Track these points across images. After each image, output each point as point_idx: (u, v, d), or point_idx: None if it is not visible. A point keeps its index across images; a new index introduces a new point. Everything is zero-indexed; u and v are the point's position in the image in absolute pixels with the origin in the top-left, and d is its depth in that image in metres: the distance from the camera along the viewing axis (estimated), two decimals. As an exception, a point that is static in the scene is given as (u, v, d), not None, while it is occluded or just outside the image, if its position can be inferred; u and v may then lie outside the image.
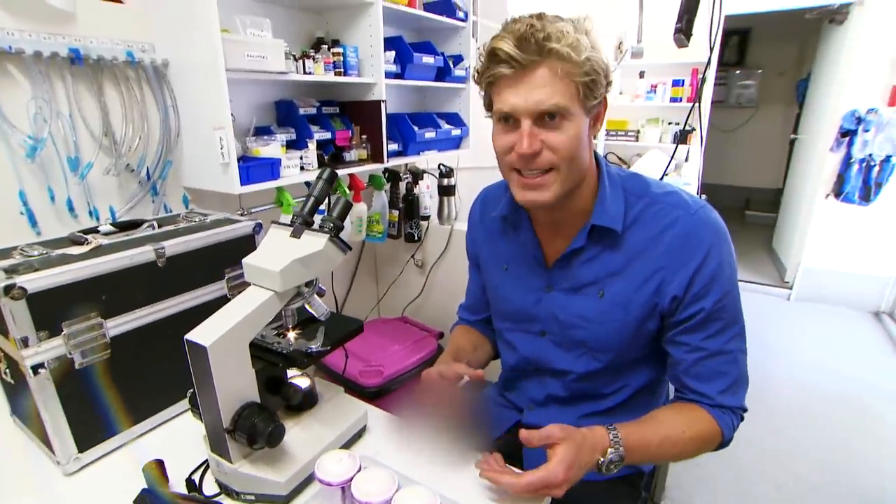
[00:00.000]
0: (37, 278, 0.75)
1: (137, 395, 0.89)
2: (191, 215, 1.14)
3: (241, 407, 0.72)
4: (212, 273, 1.00)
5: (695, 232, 0.78)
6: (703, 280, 0.77)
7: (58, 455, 0.80)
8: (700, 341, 0.81)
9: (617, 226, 0.82)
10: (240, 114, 1.64)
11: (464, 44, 2.25)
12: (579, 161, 0.79)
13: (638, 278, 0.81)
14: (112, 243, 0.92)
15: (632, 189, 0.84)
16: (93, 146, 1.31)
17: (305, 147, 1.67)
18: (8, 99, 1.16)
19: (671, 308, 0.81)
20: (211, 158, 1.38)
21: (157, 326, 0.90)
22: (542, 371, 0.96)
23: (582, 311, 0.87)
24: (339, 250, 0.81)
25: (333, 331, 0.87)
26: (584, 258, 0.86)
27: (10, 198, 1.19)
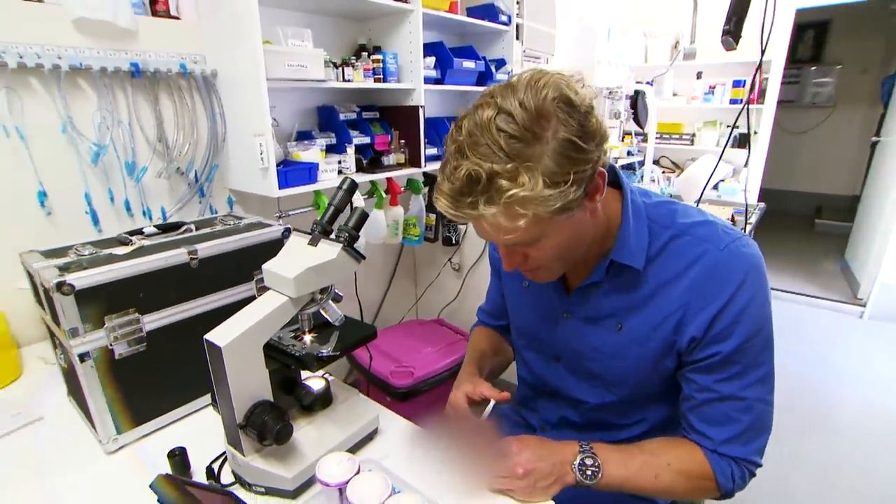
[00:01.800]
0: (84, 276, 0.84)
1: (168, 387, 0.97)
2: (227, 218, 1.21)
3: (253, 405, 0.77)
4: (241, 274, 1.07)
5: (722, 268, 0.73)
6: (725, 322, 0.72)
7: (100, 434, 0.90)
8: (712, 383, 0.76)
9: (638, 263, 0.77)
10: (283, 119, 1.73)
11: (507, 47, 2.26)
12: (578, 247, 0.76)
13: (658, 315, 0.77)
14: (153, 244, 1.01)
15: (658, 219, 0.79)
16: (147, 151, 1.43)
17: (344, 151, 1.75)
18: (78, 110, 1.29)
19: (688, 348, 0.76)
20: (252, 163, 1.47)
21: (188, 323, 0.97)
22: (557, 396, 0.95)
23: (598, 343, 0.84)
24: (353, 259, 0.84)
25: (348, 336, 0.91)
26: (602, 291, 0.82)
27: (78, 199, 1.33)
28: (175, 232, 1.10)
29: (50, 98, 1.24)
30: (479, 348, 1.08)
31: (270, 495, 0.80)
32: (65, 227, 1.30)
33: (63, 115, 1.26)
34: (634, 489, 0.78)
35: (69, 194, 1.30)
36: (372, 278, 2.34)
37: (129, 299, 0.90)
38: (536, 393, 1.01)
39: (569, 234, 0.71)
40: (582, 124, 0.63)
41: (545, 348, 0.94)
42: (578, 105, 0.63)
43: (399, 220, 1.97)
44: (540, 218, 0.64)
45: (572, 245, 0.74)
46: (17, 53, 1.17)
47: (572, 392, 0.92)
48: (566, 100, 0.63)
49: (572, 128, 0.62)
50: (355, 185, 0.90)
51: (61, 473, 0.86)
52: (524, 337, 1.00)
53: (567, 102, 0.63)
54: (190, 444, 0.87)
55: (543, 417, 1.00)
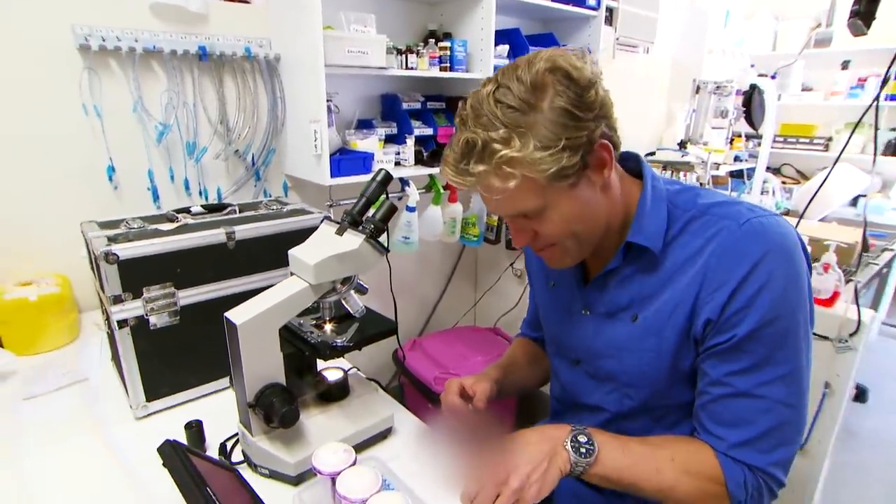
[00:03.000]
0: (128, 247, 0.97)
1: (196, 362, 1.08)
2: (272, 203, 1.33)
3: (264, 385, 0.85)
4: (276, 259, 1.15)
5: (740, 243, 0.73)
6: (741, 301, 0.71)
7: (131, 400, 1.02)
8: (724, 375, 0.74)
9: (654, 244, 0.79)
10: (345, 106, 1.84)
11: (594, 35, 2.23)
12: (589, 224, 0.79)
13: (673, 300, 0.78)
14: (196, 223, 1.13)
15: (679, 203, 0.82)
16: (209, 132, 1.59)
17: (404, 142, 1.82)
18: (148, 91, 1.47)
19: (704, 334, 0.76)
20: (307, 149, 1.58)
21: (221, 302, 1.08)
22: (579, 407, 0.96)
23: (613, 338, 0.85)
24: (376, 252, 0.90)
25: (367, 329, 0.96)
26: (619, 279, 0.84)
27: (141, 175, 1.51)
28: (219, 213, 1.22)
29: (125, 79, 1.43)
30: (512, 354, 1.12)
31: (274, 479, 0.87)
32: (128, 201, 1.49)
33: (135, 95, 1.44)
34: (633, 484, 0.76)
35: (134, 171, 1.49)
36: (429, 277, 2.41)
37: (167, 273, 1.02)
38: (565, 406, 1.02)
39: (576, 206, 0.75)
40: (579, 95, 0.69)
41: (567, 351, 0.96)
42: (577, 78, 0.69)
43: (457, 217, 2.02)
44: (535, 183, 0.70)
45: (583, 220, 0.77)
46: (100, 37, 1.36)
47: (591, 398, 0.92)
48: (563, 72, 0.69)
49: (569, 98, 0.68)
50: (389, 176, 0.96)
51: (92, 432, 0.99)
52: (552, 342, 1.02)
53: (565, 75, 0.69)
54: (210, 421, 0.97)
55: None
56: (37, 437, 0.97)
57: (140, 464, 0.90)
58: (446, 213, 1.98)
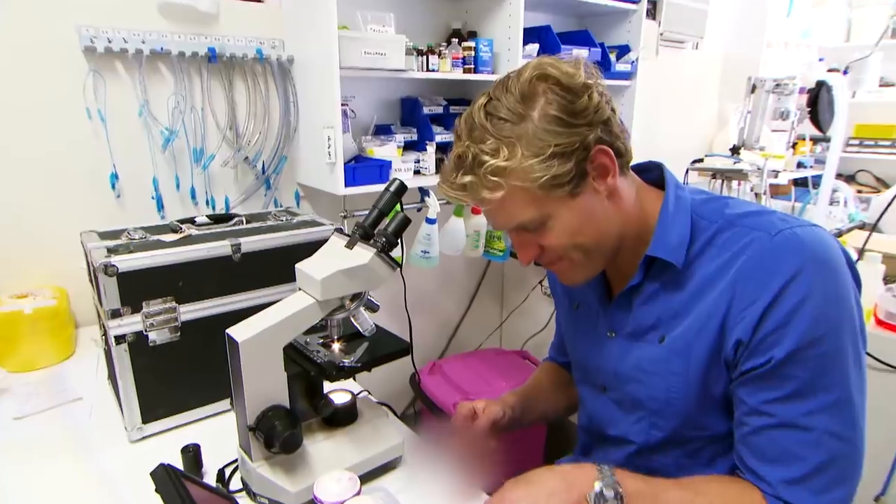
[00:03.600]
0: (129, 259, 1.02)
1: (197, 382, 1.12)
2: (280, 214, 1.37)
3: (267, 408, 0.88)
4: (284, 273, 1.19)
5: (772, 255, 0.73)
6: (777, 319, 0.71)
7: (126, 421, 1.07)
8: (763, 402, 0.73)
9: (676, 258, 0.80)
10: (362, 110, 1.90)
11: (633, 31, 2.26)
12: (596, 234, 0.81)
13: (700, 318, 0.78)
14: (200, 234, 1.18)
15: (705, 214, 0.83)
16: (217, 138, 1.66)
17: (424, 150, 1.87)
18: (155, 94, 1.55)
19: (736, 357, 0.75)
20: (321, 156, 1.64)
21: (224, 318, 1.11)
22: (605, 440, 0.96)
23: (640, 360, 0.86)
24: (388, 266, 0.92)
25: (378, 349, 0.99)
26: (644, 297, 0.85)
27: (146, 183, 1.58)
28: (225, 223, 1.27)
29: (131, 82, 1.51)
30: (537, 379, 1.15)
31: (273, 508, 0.90)
32: (131, 210, 1.56)
33: (141, 99, 1.52)
34: None
35: (138, 178, 1.56)
36: (450, 294, 2.43)
37: (168, 287, 1.07)
38: (592, 439, 1.03)
39: (579, 216, 0.78)
40: (571, 101, 0.73)
41: (593, 376, 0.97)
42: (569, 84, 0.73)
43: (481, 230, 2.04)
44: (528, 193, 0.75)
45: (588, 231, 0.80)
46: (106, 38, 1.44)
47: (618, 430, 0.93)
48: (554, 80, 0.73)
49: (560, 105, 0.73)
50: (403, 187, 0.98)
51: (83, 454, 1.04)
52: (578, 368, 1.04)
53: (555, 82, 0.73)
54: (209, 445, 1.01)
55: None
56: (25, 459, 1.02)
57: (132, 489, 0.94)
58: (469, 226, 2.00)
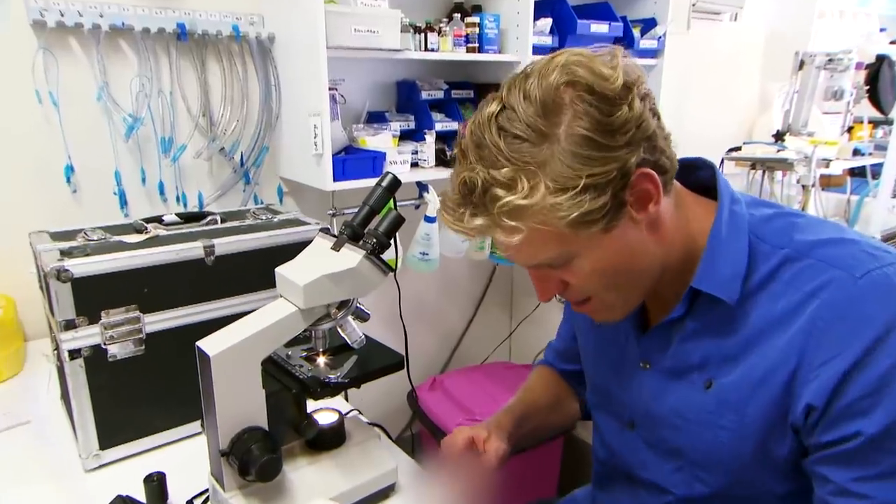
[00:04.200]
0: (84, 263, 1.01)
1: (165, 401, 1.11)
2: (261, 212, 1.37)
3: (242, 430, 0.86)
4: (265, 278, 1.14)
5: (858, 303, 0.68)
6: (865, 385, 0.66)
7: (80, 448, 1.05)
8: (852, 481, 0.69)
9: (728, 294, 0.76)
10: (352, 95, 1.89)
11: (660, 1, 2.24)
12: (634, 273, 0.77)
13: (760, 369, 0.74)
14: (168, 234, 1.17)
15: (767, 236, 0.77)
16: (188, 127, 1.66)
17: (422, 139, 1.87)
18: (116, 76, 1.55)
19: (808, 423, 0.71)
20: (306, 147, 1.63)
21: (197, 329, 1.10)
22: (634, 481, 0.94)
23: (679, 405, 0.83)
24: (379, 270, 0.92)
25: (369, 363, 0.98)
26: (688, 331, 0.81)
27: (107, 177, 1.57)
28: (197, 223, 1.27)
29: (88, 61, 1.50)
30: (531, 396, 1.11)
31: (249, 546, 0.89)
32: (90, 208, 1.56)
33: (99, 81, 1.51)
34: None
35: (97, 171, 1.56)
36: (453, 302, 2.42)
37: (131, 294, 1.06)
38: (613, 476, 1.00)
39: (613, 254, 0.73)
40: (607, 115, 0.66)
41: (618, 409, 0.94)
42: (603, 92, 0.66)
43: (488, 230, 2.02)
44: (552, 232, 0.68)
45: (624, 269, 0.75)
46: (58, 11, 1.44)
47: (651, 474, 0.90)
48: (584, 86, 0.66)
49: (592, 121, 0.65)
50: (397, 181, 0.98)
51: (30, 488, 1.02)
52: (596, 392, 1.01)
53: (587, 89, 0.66)
54: (176, 473, 1.00)
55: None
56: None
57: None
58: None
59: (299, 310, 0.89)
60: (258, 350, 0.88)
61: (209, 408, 0.87)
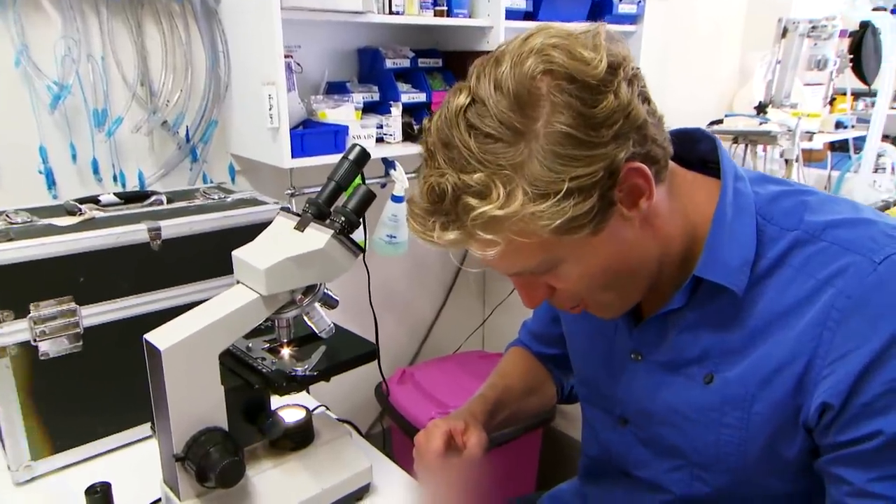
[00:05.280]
0: (7, 249, 0.95)
1: (108, 403, 1.06)
2: (212, 191, 1.32)
3: (199, 431, 0.83)
4: (220, 264, 1.13)
5: (878, 293, 0.67)
6: (885, 381, 0.65)
7: (9, 458, 0.99)
8: (870, 481, 0.68)
9: (735, 282, 0.74)
10: (310, 64, 1.83)
11: (636, -34, 2.23)
12: (628, 272, 0.75)
13: (769, 364, 0.73)
14: (107, 217, 1.12)
15: (775, 217, 0.76)
16: (125, 97, 1.58)
17: (388, 112, 1.82)
18: (37, 38, 1.45)
19: (822, 422, 0.70)
20: (260, 121, 1.57)
21: (143, 321, 1.05)
22: (629, 478, 0.93)
23: (676, 400, 0.82)
24: (348, 252, 0.89)
25: (337, 353, 0.95)
26: (687, 322, 0.80)
27: (30, 154, 1.48)
28: (140, 203, 1.21)
29: (2, 21, 1.40)
30: (506, 381, 1.10)
31: (209, 561, 0.85)
32: (12, 189, 1.47)
33: (17, 44, 1.42)
34: None
35: (19, 147, 1.47)
36: (423, 288, 2.39)
37: (65, 284, 1.01)
38: (603, 469, 1.00)
39: (604, 256, 0.71)
40: (590, 106, 0.62)
41: (608, 404, 0.93)
42: (584, 79, 0.62)
43: (460, 210, 2.00)
44: (536, 242, 0.65)
45: (618, 270, 0.74)
46: (-32, -36, 1.34)
47: (647, 473, 0.89)
48: (563, 74, 0.62)
49: (574, 114, 0.62)
50: (366, 154, 0.96)
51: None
52: (584, 385, 1.00)
53: (566, 77, 0.62)
54: (123, 483, 0.95)
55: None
56: None
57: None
58: None
59: (261, 297, 0.86)
60: (215, 342, 0.85)
61: (161, 408, 0.84)
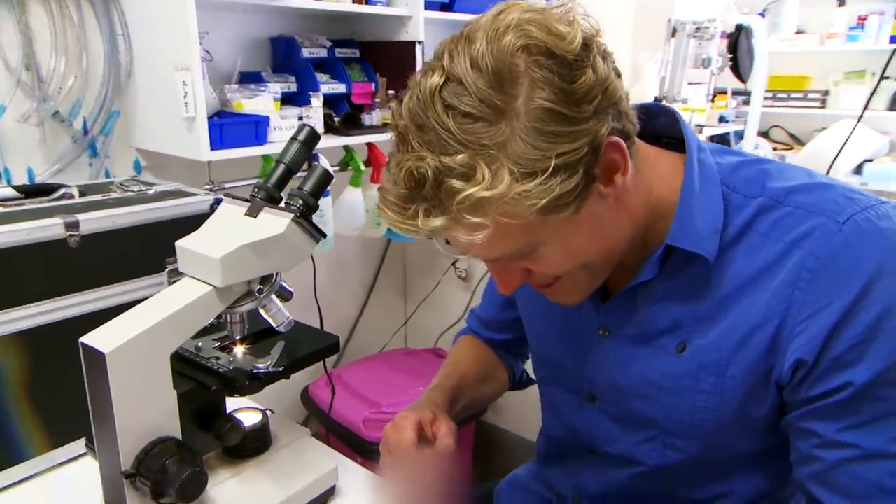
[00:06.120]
0: None
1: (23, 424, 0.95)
2: (129, 183, 1.22)
3: (150, 443, 0.76)
4: (148, 262, 1.06)
5: (844, 251, 0.69)
6: (855, 334, 0.68)
7: None
8: (839, 431, 0.71)
9: (708, 249, 0.76)
10: (219, 52, 1.75)
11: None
12: (603, 249, 0.76)
13: (741, 328, 0.75)
14: (8, 212, 1.00)
15: (738, 185, 0.78)
16: (7, 83, 1.44)
17: (308, 103, 1.76)
18: None
19: (795, 379, 0.72)
20: (172, 110, 1.47)
21: (62, 329, 0.96)
22: (598, 456, 0.94)
23: (650, 372, 0.83)
24: (309, 237, 0.86)
25: (298, 347, 0.92)
26: (656, 294, 0.82)
27: None
28: (46, 197, 1.10)
29: None
30: (460, 369, 1.09)
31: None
32: None
33: None
34: None
35: None
36: (344, 287, 2.35)
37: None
38: (567, 449, 1.00)
39: (582, 235, 0.71)
40: (570, 81, 0.62)
41: (574, 382, 0.93)
42: (563, 54, 0.62)
43: (384, 203, 1.98)
44: (521, 223, 0.65)
45: (593, 248, 0.74)
46: None
47: (618, 447, 0.90)
48: (541, 49, 0.62)
49: (555, 89, 0.61)
50: (315, 135, 0.91)
51: None
52: (546, 366, 1.00)
53: (545, 52, 0.62)
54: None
55: (578, 485, 1.00)
56: None
57: None
58: (369, 198, 1.93)
59: (215, 289, 0.81)
60: (166, 342, 0.79)
61: (103, 420, 0.76)
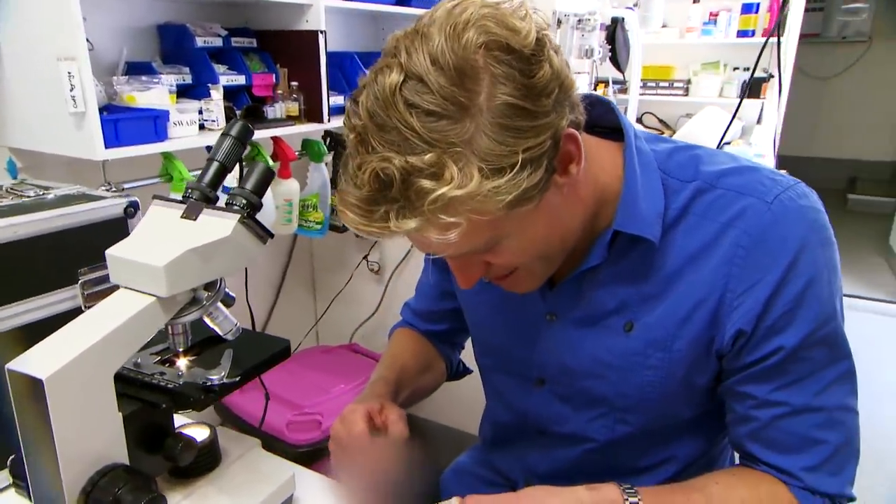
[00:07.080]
0: None
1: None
2: (20, 187, 1.13)
3: (97, 473, 0.72)
4: (56, 275, 0.99)
5: (773, 229, 0.75)
6: (785, 303, 0.75)
7: None
8: (773, 391, 0.78)
9: (652, 232, 0.79)
10: (102, 41, 1.65)
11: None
12: (558, 239, 0.78)
13: (684, 304, 0.79)
14: None
15: (674, 171, 0.82)
16: None
17: (207, 95, 1.69)
18: None
19: (735, 348, 0.78)
20: (55, 105, 1.38)
21: None
22: (548, 436, 0.97)
23: (600, 352, 0.86)
24: (257, 238, 0.83)
25: (247, 355, 0.89)
26: (603, 278, 0.85)
27: None
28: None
29: None
30: (399, 361, 1.10)
31: None
32: None
33: None
34: None
35: None
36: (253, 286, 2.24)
37: None
38: (514, 433, 1.02)
39: (542, 226, 0.73)
40: (529, 76, 0.63)
41: (522, 368, 0.96)
42: (520, 49, 0.63)
43: (294, 199, 1.94)
44: (489, 219, 0.65)
45: (551, 238, 0.77)
46: None
47: (569, 427, 0.93)
48: (501, 44, 0.62)
49: (516, 84, 0.62)
50: (249, 129, 0.90)
51: None
52: (490, 354, 1.02)
53: (503, 48, 0.62)
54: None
55: (526, 466, 1.02)
56: None
57: None
58: (279, 194, 1.89)
59: (158, 300, 0.77)
60: (109, 362, 0.75)
61: (39, 452, 0.71)
